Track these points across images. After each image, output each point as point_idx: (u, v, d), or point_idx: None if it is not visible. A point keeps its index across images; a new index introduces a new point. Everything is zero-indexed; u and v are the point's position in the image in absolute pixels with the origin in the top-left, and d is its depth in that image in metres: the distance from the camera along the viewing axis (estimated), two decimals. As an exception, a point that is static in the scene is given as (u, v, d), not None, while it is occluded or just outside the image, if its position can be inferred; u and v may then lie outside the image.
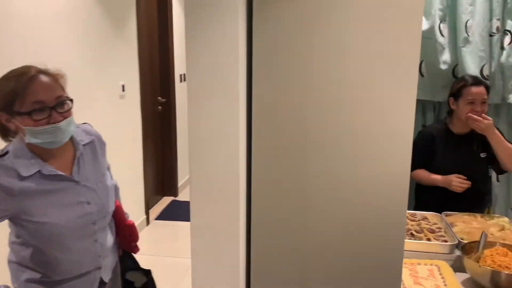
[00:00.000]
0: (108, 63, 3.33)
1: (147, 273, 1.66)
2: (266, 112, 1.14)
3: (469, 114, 2.13)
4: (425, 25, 2.39)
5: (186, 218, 4.46)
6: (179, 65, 4.94)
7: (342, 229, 1.17)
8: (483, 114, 2.11)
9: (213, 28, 1.05)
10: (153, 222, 4.28)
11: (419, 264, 1.69)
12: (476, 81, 2.19)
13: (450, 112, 2.28)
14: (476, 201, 2.23)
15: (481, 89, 2.14)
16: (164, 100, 4.73)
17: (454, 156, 2.21)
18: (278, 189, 1.17)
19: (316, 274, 1.19)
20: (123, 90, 3.58)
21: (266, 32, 1.10)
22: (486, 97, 2.15)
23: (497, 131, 2.15)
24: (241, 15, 1.06)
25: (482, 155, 2.21)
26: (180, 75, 5.02)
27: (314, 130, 1.13)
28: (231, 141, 1.10)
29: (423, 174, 2.23)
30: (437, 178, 2.20)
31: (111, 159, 1.60)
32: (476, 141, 2.22)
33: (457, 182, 2.13)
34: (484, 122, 2.10)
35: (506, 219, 2.03)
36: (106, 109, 3.32)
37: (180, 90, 4.98)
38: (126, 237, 1.59)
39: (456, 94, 2.21)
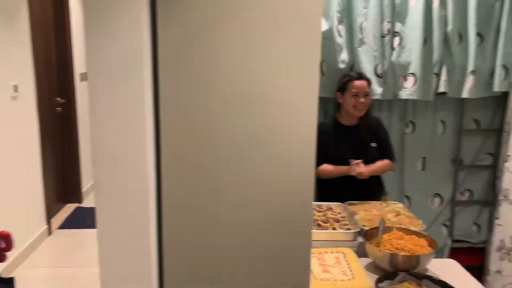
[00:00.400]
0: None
1: (7, 281, 1.54)
2: (174, 111, 1.12)
3: (351, 162, 2.29)
4: (324, 26, 2.52)
5: (93, 225, 4.23)
6: (79, 64, 4.66)
7: (251, 224, 1.19)
8: (359, 166, 2.28)
9: (115, 24, 1.01)
10: (56, 232, 3.99)
11: (326, 252, 1.78)
12: (359, 76, 2.40)
13: (338, 106, 2.46)
14: (371, 189, 2.40)
15: (363, 83, 2.35)
16: (63, 100, 4.43)
17: (346, 147, 2.38)
18: (189, 188, 1.15)
19: (227, 268, 1.20)
20: (16, 91, 3.28)
21: (172, 29, 1.08)
22: (368, 90, 2.36)
23: (368, 170, 2.31)
24: (144, 11, 1.02)
25: (373, 144, 2.40)
26: (81, 74, 4.74)
27: (223, 129, 1.13)
28: (137, 142, 1.06)
29: (329, 168, 2.36)
30: (343, 169, 2.33)
31: (1, 163, 1.46)
32: (364, 131, 2.40)
33: (354, 171, 2.29)
34: (364, 175, 2.29)
35: (400, 205, 2.22)
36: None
37: (81, 90, 4.70)
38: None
39: (342, 88, 2.39)
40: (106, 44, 1.02)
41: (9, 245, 1.45)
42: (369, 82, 2.41)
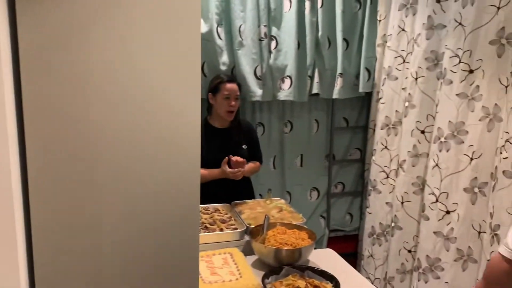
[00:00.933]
0: None
1: None
2: (42, 114, 1.00)
3: (231, 158, 2.29)
4: (204, 28, 2.52)
5: None
6: None
7: (135, 230, 1.13)
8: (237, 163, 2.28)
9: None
10: None
11: (214, 254, 1.77)
12: (230, 78, 2.43)
13: (210, 108, 2.47)
14: (242, 190, 2.43)
15: (234, 86, 2.39)
16: None
17: (218, 150, 2.38)
18: (62, 197, 1.05)
19: (111, 276, 1.12)
20: None
21: (34, 29, 0.97)
22: (238, 93, 2.41)
23: (246, 170, 2.35)
24: (1, 11, 0.90)
25: (244, 147, 2.45)
26: None
27: (100, 133, 1.05)
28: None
29: (202, 173, 2.34)
30: (214, 172, 2.33)
31: None
32: (236, 134, 2.44)
33: (231, 170, 2.29)
34: (230, 176, 2.28)
35: (282, 201, 2.32)
36: None
37: None
38: None
39: (214, 89, 2.39)
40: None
41: None
42: (239, 85, 2.46)
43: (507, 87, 2.01)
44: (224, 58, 2.62)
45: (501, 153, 1.99)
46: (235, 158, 2.28)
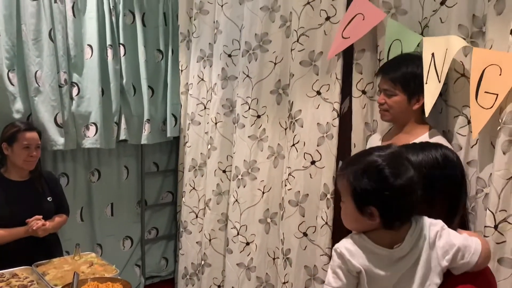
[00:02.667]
0: None
1: None
2: None
3: (28, 221, 2.12)
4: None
5: None
6: None
7: None
8: (39, 222, 2.13)
9: None
10: None
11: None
12: (29, 127, 2.29)
13: (3, 159, 2.26)
14: (50, 247, 2.26)
15: (35, 134, 2.26)
16: None
17: (18, 205, 2.19)
18: None
19: None
20: None
21: None
22: (39, 142, 2.28)
23: (52, 225, 2.21)
24: None
25: (49, 199, 2.30)
26: None
27: None
28: None
29: (1, 233, 2.11)
30: (19, 230, 2.12)
31: None
32: (38, 186, 2.28)
33: (40, 225, 2.13)
34: (40, 232, 2.14)
35: (93, 254, 2.21)
36: None
37: None
38: None
39: (10, 139, 2.21)
40: None
41: None
42: (39, 133, 2.32)
43: (286, 129, 2.39)
44: (18, 105, 2.43)
45: (285, 185, 2.33)
46: (35, 217, 2.12)
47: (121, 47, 2.80)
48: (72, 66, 2.65)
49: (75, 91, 2.66)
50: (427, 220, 1.12)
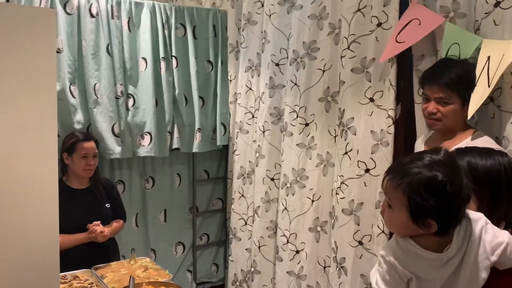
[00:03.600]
0: None
1: None
2: None
3: (89, 227, 2.24)
4: (56, 87, 2.46)
5: None
6: None
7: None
8: (98, 228, 2.24)
9: None
10: None
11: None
12: (87, 137, 2.42)
13: (64, 168, 2.39)
14: (108, 251, 2.37)
15: (92, 144, 2.39)
16: None
17: (78, 212, 2.30)
18: None
19: None
20: None
21: None
22: (96, 151, 2.40)
23: (110, 231, 2.32)
24: None
25: (107, 205, 2.42)
26: None
27: None
28: None
29: (63, 240, 2.23)
30: (80, 236, 2.25)
31: None
32: (97, 193, 2.40)
33: (99, 232, 2.24)
34: (99, 238, 2.25)
35: (148, 259, 2.30)
36: None
37: None
38: None
39: (69, 149, 2.35)
40: None
41: None
42: (96, 142, 2.44)
43: (336, 137, 2.38)
44: (79, 116, 2.58)
45: (337, 194, 2.31)
46: (94, 223, 2.24)
47: (173, 59, 2.90)
48: (128, 78, 2.77)
49: (130, 102, 2.79)
50: (468, 215, 1.11)
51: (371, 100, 2.19)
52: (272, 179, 2.74)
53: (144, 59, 2.80)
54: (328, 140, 2.41)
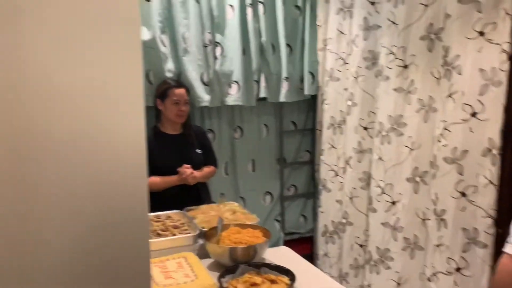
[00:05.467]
0: None
1: None
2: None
3: (179, 170, 2.27)
4: (147, 36, 2.50)
5: None
6: None
7: (80, 240, 1.09)
8: (188, 170, 2.27)
9: None
10: None
11: (168, 260, 1.74)
12: (178, 83, 2.44)
13: (159, 114, 2.44)
14: (199, 195, 2.43)
15: (183, 90, 2.40)
16: None
17: (172, 156, 2.35)
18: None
19: (55, 282, 1.08)
20: None
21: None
22: (187, 98, 2.41)
23: (200, 175, 2.35)
24: None
25: (198, 151, 2.44)
26: None
27: (37, 136, 1.02)
28: None
29: (156, 180, 2.30)
30: (172, 178, 2.31)
31: None
32: (189, 139, 2.43)
33: (189, 174, 2.28)
34: (189, 180, 2.28)
35: (236, 204, 2.32)
36: None
37: None
38: None
39: (162, 95, 2.39)
40: None
41: None
42: (187, 89, 2.46)
43: (439, 79, 2.14)
44: (170, 65, 2.61)
45: (439, 141, 2.10)
46: (185, 166, 2.27)
47: (260, 6, 2.81)
48: (216, 26, 2.74)
49: (218, 50, 2.76)
50: None
51: (481, 34, 1.91)
52: (365, 128, 2.59)
53: (231, 6, 2.73)
54: (430, 83, 2.18)
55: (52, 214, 1.06)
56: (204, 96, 2.68)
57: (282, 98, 2.97)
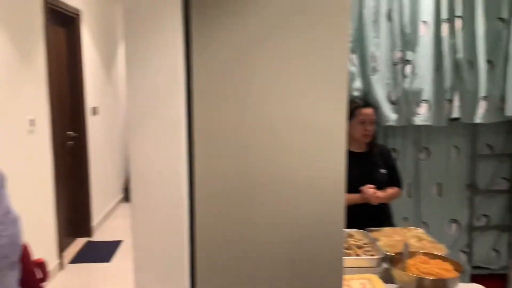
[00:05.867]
0: (13, 97, 3.10)
1: None
2: (208, 136, 1.14)
3: (361, 189, 2.28)
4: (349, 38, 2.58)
5: (105, 259, 4.15)
6: (91, 98, 4.74)
7: (282, 245, 1.19)
8: (372, 190, 2.26)
9: (153, 56, 1.05)
10: (68, 266, 3.95)
11: (352, 279, 1.76)
12: (366, 103, 2.41)
13: None
14: (379, 216, 2.37)
15: (370, 110, 2.36)
16: (75, 134, 4.48)
17: (355, 174, 2.34)
18: (223, 212, 1.16)
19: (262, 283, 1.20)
20: (32, 125, 3.33)
21: (204, 58, 1.12)
22: (374, 117, 2.37)
23: (383, 195, 2.31)
24: (179, 49, 1.06)
25: (382, 171, 2.39)
26: (92, 108, 4.81)
27: (254, 149, 1.15)
28: (173, 167, 1.09)
29: None
30: (354, 196, 2.32)
31: (17, 198, 1.47)
32: (373, 158, 2.40)
33: (372, 193, 2.27)
34: (372, 200, 2.27)
35: (421, 230, 2.21)
36: (11, 145, 3.06)
37: (92, 124, 4.76)
38: (33, 276, 1.45)
39: (349, 114, 2.37)
40: (144, 76, 1.06)
41: (45, 275, 1.43)
42: (375, 109, 2.43)
43: None
44: (357, 84, 2.64)
45: None
46: (368, 186, 2.27)
47: (458, 20, 2.63)
48: (407, 44, 2.67)
49: (408, 68, 2.68)
50: None
51: None
52: None
53: (425, 22, 2.63)
54: None
55: (275, 223, 1.19)
56: (390, 115, 2.63)
57: (478, 119, 2.71)
